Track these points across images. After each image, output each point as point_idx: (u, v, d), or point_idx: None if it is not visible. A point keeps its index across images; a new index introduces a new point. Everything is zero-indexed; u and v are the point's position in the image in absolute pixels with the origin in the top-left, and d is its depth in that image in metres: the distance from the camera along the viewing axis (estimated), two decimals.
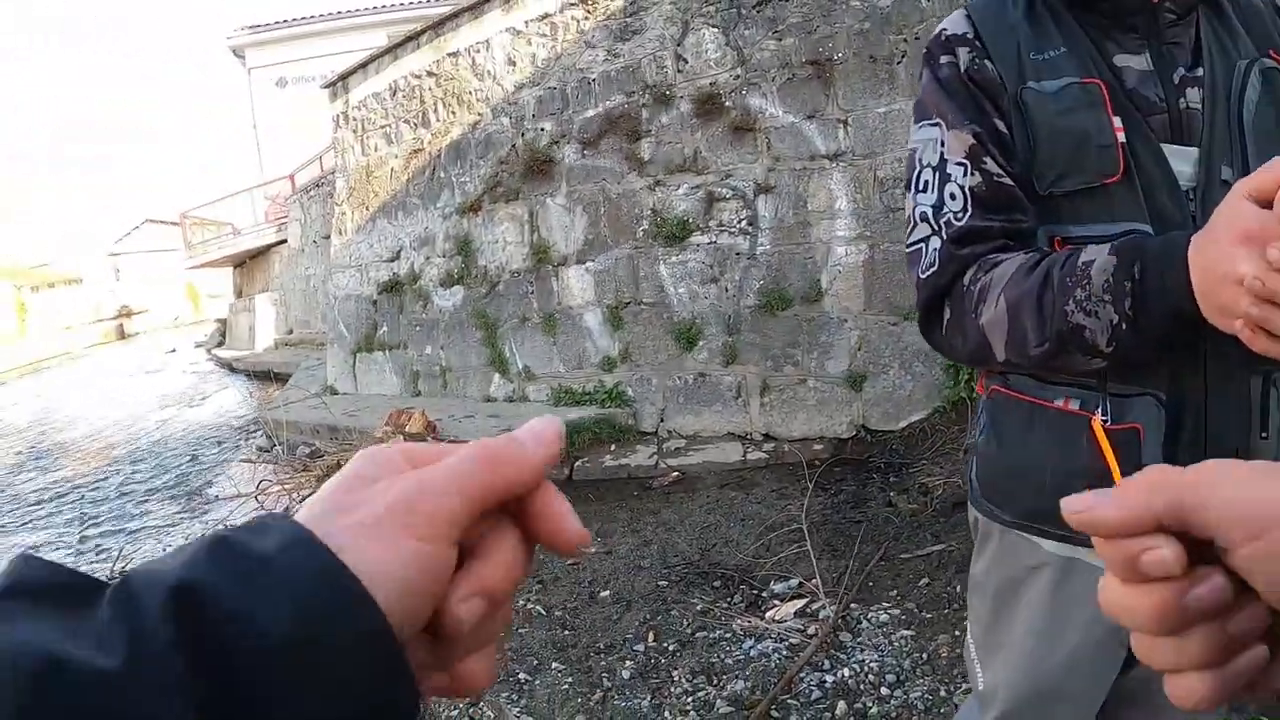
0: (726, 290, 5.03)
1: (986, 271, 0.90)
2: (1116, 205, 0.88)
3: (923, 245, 0.96)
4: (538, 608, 3.15)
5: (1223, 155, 0.88)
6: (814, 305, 4.75)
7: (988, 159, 0.92)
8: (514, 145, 5.99)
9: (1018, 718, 1.06)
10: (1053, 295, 0.83)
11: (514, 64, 5.97)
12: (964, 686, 2.32)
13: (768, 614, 2.90)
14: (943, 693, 2.34)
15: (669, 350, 5.29)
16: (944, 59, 0.97)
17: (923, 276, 0.96)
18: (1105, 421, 0.90)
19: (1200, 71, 0.90)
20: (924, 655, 2.54)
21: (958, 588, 2.81)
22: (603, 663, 2.74)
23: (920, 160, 0.98)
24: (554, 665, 2.76)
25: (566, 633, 2.98)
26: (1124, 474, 0.69)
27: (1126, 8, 0.90)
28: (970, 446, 1.09)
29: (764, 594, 3.06)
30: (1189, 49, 0.92)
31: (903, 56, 4.43)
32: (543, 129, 5.80)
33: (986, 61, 0.94)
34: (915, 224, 0.98)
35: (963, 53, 0.95)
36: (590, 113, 5.52)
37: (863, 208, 4.59)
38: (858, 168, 4.60)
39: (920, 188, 0.98)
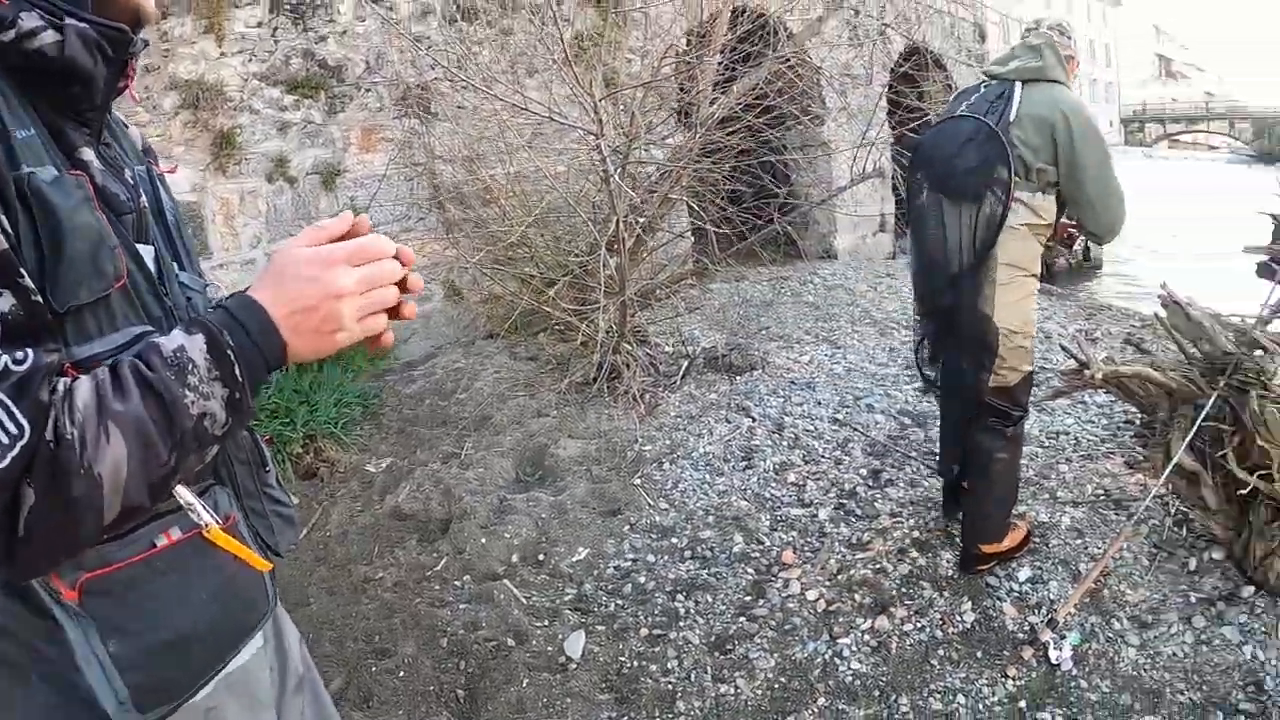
0: None
1: (69, 414, 0.69)
2: (117, 312, 0.79)
3: None
4: None
5: (167, 248, 0.94)
6: None
7: (21, 273, 0.69)
8: None
9: None
10: (165, 399, 0.72)
11: None
12: None
13: None
14: None
15: None
16: None
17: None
18: (218, 525, 0.85)
19: (128, 174, 0.90)
20: None
21: None
22: None
23: None
24: None
25: None
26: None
27: (87, 101, 0.81)
28: (56, 676, 0.80)
29: None
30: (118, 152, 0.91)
31: None
32: None
33: None
34: None
35: None
36: None
37: None
38: None
39: None
